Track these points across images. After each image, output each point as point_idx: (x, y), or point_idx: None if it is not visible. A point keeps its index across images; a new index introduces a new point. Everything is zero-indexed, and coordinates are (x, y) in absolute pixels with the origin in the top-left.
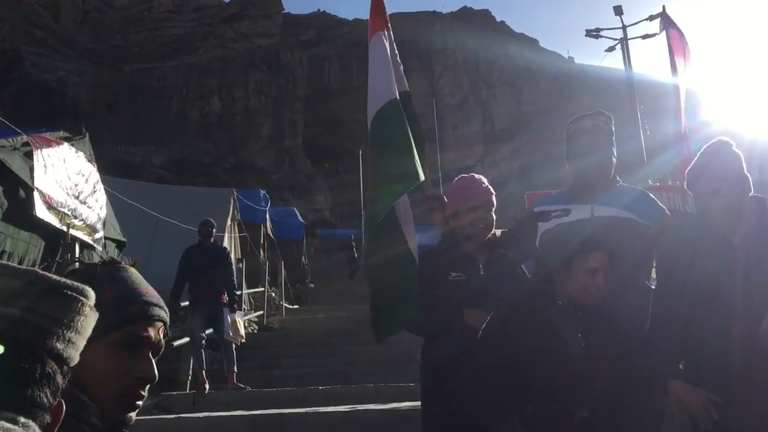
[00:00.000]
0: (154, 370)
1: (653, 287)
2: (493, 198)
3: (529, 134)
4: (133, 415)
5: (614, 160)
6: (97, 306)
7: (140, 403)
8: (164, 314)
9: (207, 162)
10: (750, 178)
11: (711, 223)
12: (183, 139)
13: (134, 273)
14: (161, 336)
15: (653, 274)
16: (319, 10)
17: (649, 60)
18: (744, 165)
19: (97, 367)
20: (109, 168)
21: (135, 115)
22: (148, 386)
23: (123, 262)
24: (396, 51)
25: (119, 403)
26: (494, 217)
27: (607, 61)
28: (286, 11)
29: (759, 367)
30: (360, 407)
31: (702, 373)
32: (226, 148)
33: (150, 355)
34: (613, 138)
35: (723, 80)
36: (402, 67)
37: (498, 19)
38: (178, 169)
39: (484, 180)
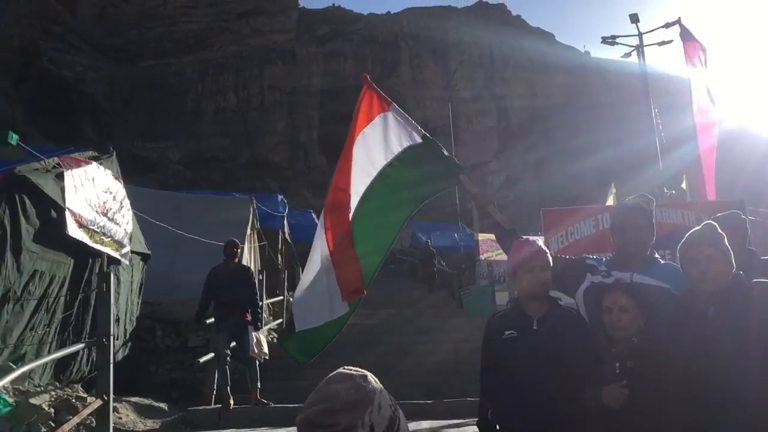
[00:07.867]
0: None
1: None
2: (549, 257)
3: (544, 129)
4: None
5: (653, 238)
6: None
7: None
8: None
9: (222, 157)
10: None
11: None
12: (199, 134)
13: None
14: None
15: None
16: (334, 5)
17: (664, 55)
18: (746, 236)
19: None
20: (126, 163)
21: (151, 111)
22: None
23: None
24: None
25: None
26: (550, 276)
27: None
28: (301, 6)
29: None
30: None
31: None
32: (242, 143)
33: None
34: (653, 218)
35: (737, 78)
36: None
37: (513, 14)
38: (194, 164)
39: (539, 240)
